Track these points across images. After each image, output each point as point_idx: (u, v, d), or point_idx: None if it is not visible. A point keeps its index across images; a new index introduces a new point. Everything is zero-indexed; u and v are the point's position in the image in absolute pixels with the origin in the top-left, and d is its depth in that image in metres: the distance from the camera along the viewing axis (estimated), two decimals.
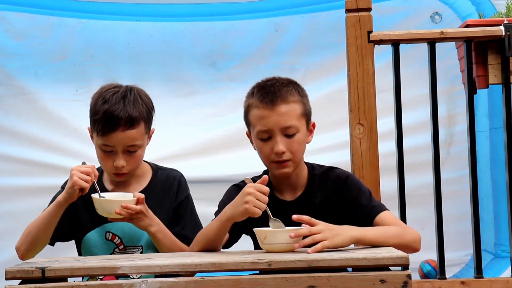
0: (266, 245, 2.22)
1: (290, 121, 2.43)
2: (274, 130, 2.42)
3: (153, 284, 2.00)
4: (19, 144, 4.31)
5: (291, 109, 2.43)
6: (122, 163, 2.57)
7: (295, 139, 2.44)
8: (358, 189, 2.49)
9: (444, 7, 4.35)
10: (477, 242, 3.23)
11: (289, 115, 2.43)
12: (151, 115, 2.65)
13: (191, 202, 2.71)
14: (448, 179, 4.04)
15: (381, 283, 1.98)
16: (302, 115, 2.47)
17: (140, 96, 2.62)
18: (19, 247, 2.62)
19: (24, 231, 2.64)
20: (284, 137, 2.43)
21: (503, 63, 3.25)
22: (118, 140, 2.55)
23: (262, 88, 2.47)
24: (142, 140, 2.60)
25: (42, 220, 2.55)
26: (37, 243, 2.59)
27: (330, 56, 4.34)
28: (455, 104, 4.33)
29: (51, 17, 4.33)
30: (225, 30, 4.41)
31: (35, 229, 2.57)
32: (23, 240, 2.61)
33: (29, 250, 2.60)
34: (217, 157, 4.33)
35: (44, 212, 2.57)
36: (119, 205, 2.45)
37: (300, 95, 2.49)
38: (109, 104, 2.56)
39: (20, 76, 4.33)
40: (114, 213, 2.46)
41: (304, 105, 2.48)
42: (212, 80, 4.42)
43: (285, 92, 2.44)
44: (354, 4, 3.16)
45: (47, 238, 2.60)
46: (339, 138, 4.14)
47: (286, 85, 2.47)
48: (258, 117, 2.44)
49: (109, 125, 2.54)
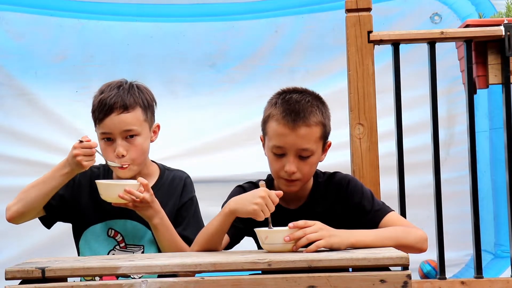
0: (267, 245, 2.23)
1: (308, 144, 2.38)
2: (290, 150, 2.38)
3: (153, 284, 2.00)
4: (19, 144, 4.31)
5: (311, 132, 2.39)
6: (121, 151, 2.58)
7: (308, 161, 2.41)
8: (360, 194, 2.47)
9: (444, 7, 4.35)
10: (477, 242, 3.23)
11: (308, 138, 2.38)
12: (151, 105, 2.67)
13: (196, 204, 2.71)
14: (448, 179, 4.04)
15: (381, 283, 1.98)
16: (320, 138, 2.43)
17: (137, 87, 2.66)
18: (10, 206, 2.61)
19: (20, 192, 2.62)
20: (297, 158, 2.39)
21: (503, 63, 3.24)
22: (113, 125, 2.58)
23: (286, 102, 2.41)
24: (140, 126, 2.61)
25: (40, 182, 2.57)
26: (30, 206, 2.58)
27: (330, 56, 4.34)
28: (455, 104, 4.33)
29: (51, 17, 4.33)
30: (225, 30, 4.41)
31: (32, 189, 2.58)
32: (16, 200, 2.61)
33: (19, 212, 2.59)
34: (217, 157, 4.33)
35: (44, 176, 2.59)
36: (122, 189, 2.46)
37: (323, 116, 2.43)
38: (104, 93, 2.61)
39: (20, 76, 4.33)
40: (117, 197, 2.47)
41: (324, 128, 2.44)
42: (212, 81, 4.42)
43: (309, 113, 2.39)
44: (354, 4, 3.16)
45: (42, 202, 2.60)
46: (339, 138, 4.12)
47: (311, 104, 2.41)
48: (277, 133, 2.40)
49: (103, 110, 2.58)
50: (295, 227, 2.20)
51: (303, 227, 2.20)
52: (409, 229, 2.36)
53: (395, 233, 2.32)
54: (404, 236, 2.32)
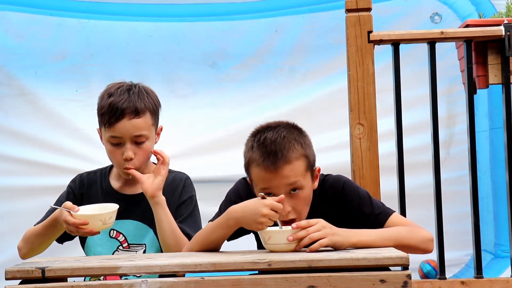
0: (270, 245, 2.22)
1: (294, 178, 2.31)
2: (278, 191, 2.32)
3: (153, 284, 2.00)
4: (19, 144, 4.31)
5: (294, 168, 2.31)
6: (130, 154, 2.58)
7: (301, 197, 2.34)
8: (357, 197, 2.42)
9: (444, 7, 4.35)
10: (477, 242, 3.23)
11: (293, 174, 2.31)
12: (157, 109, 2.68)
13: (195, 203, 2.72)
14: (448, 179, 4.04)
15: (381, 283, 1.98)
16: (306, 170, 2.35)
17: (145, 90, 2.66)
18: (20, 248, 2.67)
19: (25, 233, 2.66)
20: (288, 196, 2.32)
21: (503, 63, 3.25)
22: (125, 129, 2.58)
23: (262, 144, 2.33)
24: (149, 131, 2.62)
25: (40, 231, 2.60)
26: (35, 249, 2.66)
27: (330, 56, 4.34)
28: (455, 104, 4.33)
29: (51, 17, 4.33)
30: (224, 30, 4.41)
31: (33, 237, 2.63)
32: (23, 244, 2.66)
33: (28, 254, 2.66)
34: (217, 157, 4.33)
35: (43, 224, 2.60)
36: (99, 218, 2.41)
37: (302, 147, 2.35)
38: (114, 97, 2.60)
39: (20, 76, 4.34)
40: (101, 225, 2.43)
41: (307, 158, 2.35)
42: (212, 80, 4.42)
43: (287, 150, 2.31)
44: (354, 4, 3.16)
45: (46, 246, 2.66)
46: (339, 138, 4.14)
47: (287, 139, 2.33)
48: (260, 178, 2.34)
49: (115, 115, 2.57)
50: (298, 227, 2.20)
51: (306, 227, 2.20)
52: (414, 229, 2.34)
53: (399, 234, 2.30)
54: (408, 236, 2.30)
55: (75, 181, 2.74)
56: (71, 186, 2.74)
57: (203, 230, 2.41)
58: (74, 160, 4.22)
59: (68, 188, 2.74)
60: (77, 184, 2.73)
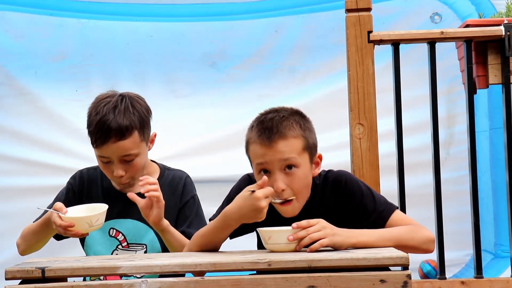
0: (270, 245, 2.22)
1: (288, 154, 2.31)
2: (272, 166, 2.32)
3: (153, 284, 2.00)
4: (19, 144, 4.31)
5: (289, 144, 2.31)
6: (120, 173, 2.59)
7: (296, 175, 2.32)
8: (359, 192, 2.40)
9: (444, 7, 4.35)
10: (477, 242, 3.23)
11: (287, 150, 2.31)
12: (146, 122, 2.63)
13: (197, 202, 2.72)
14: (448, 179, 4.04)
15: (381, 283, 1.98)
16: (303, 149, 2.34)
17: (132, 104, 2.60)
18: (19, 245, 2.71)
19: (22, 230, 2.69)
20: (282, 173, 2.32)
21: (503, 63, 3.25)
22: (111, 151, 2.57)
23: (260, 122, 2.36)
24: (138, 148, 2.59)
25: (35, 229, 2.64)
26: (32, 247, 2.69)
27: (330, 56, 4.35)
28: (455, 104, 4.34)
29: (51, 17, 4.34)
30: (224, 30, 4.41)
31: (30, 235, 2.66)
32: (21, 241, 2.70)
33: (26, 251, 2.71)
34: (217, 157, 4.33)
35: (37, 223, 2.63)
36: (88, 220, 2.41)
37: (301, 128, 2.35)
38: (100, 116, 2.57)
39: (20, 76, 4.34)
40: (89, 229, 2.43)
41: (305, 139, 2.35)
42: (212, 80, 4.42)
43: (284, 127, 2.32)
44: (354, 4, 3.16)
45: (42, 244, 2.70)
46: (339, 138, 4.14)
47: (286, 118, 2.35)
48: (256, 154, 2.34)
49: (101, 137, 2.56)
50: (299, 227, 2.20)
51: (306, 227, 2.20)
52: (415, 229, 2.33)
53: (399, 234, 2.29)
54: (409, 237, 2.29)
55: (75, 178, 2.74)
56: (71, 183, 2.73)
57: (202, 231, 2.40)
58: (74, 160, 4.22)
59: (68, 184, 2.74)
60: (77, 181, 2.73)
